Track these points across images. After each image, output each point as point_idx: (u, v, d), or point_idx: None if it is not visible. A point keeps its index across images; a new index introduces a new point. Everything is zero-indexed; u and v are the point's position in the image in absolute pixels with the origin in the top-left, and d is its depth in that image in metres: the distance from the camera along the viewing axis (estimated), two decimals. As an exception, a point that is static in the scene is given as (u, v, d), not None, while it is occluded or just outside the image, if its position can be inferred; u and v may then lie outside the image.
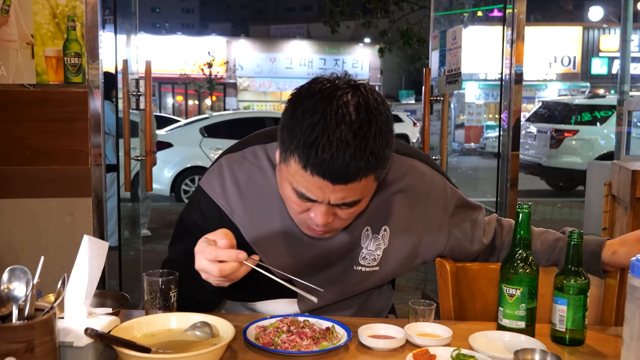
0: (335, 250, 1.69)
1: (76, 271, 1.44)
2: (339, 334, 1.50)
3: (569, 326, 1.51)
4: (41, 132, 3.05)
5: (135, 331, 1.43)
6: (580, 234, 1.53)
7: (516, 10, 3.80)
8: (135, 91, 3.81)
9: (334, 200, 1.42)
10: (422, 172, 1.75)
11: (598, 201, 4.45)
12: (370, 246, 1.71)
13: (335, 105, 1.36)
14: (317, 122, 1.35)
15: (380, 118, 1.39)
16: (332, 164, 1.34)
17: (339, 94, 1.38)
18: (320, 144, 1.34)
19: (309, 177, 1.38)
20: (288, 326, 1.50)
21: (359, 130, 1.35)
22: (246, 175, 1.67)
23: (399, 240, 1.72)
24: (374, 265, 1.72)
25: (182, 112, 36.00)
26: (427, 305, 1.57)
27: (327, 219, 1.47)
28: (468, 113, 24.86)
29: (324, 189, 1.40)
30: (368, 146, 1.35)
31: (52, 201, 3.09)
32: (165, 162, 9.72)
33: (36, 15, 3.02)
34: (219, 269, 1.39)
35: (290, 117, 1.40)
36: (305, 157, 1.36)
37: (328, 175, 1.36)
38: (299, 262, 1.67)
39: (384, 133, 1.39)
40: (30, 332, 1.20)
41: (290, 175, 1.43)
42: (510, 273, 1.54)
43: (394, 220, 1.71)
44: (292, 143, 1.38)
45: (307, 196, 1.43)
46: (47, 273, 1.39)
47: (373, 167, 1.39)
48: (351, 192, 1.42)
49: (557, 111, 12.11)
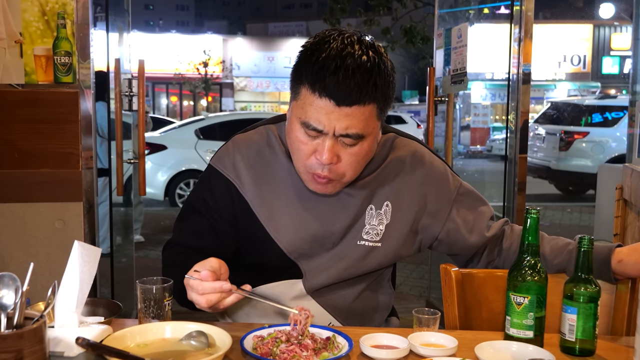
0: (340, 227, 1.77)
1: (67, 278, 1.44)
2: (340, 344, 1.50)
3: (579, 336, 1.51)
4: (30, 134, 3.06)
5: (129, 341, 1.43)
6: (590, 240, 1.53)
7: (524, 7, 3.80)
8: (128, 91, 3.81)
9: (339, 129, 1.56)
10: (421, 153, 1.86)
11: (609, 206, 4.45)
12: (373, 221, 1.79)
13: (344, 42, 1.56)
14: (327, 53, 1.55)
15: (384, 59, 1.59)
16: (338, 83, 1.52)
17: (347, 35, 1.59)
18: (329, 66, 1.53)
19: (317, 100, 1.55)
20: (287, 336, 1.50)
21: (365, 60, 1.54)
22: (255, 151, 1.80)
23: (401, 216, 1.81)
24: (377, 241, 1.80)
25: (176, 113, 36.01)
26: (432, 314, 1.57)
27: (332, 157, 1.59)
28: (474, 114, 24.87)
29: (330, 115, 1.55)
30: (372, 73, 1.55)
31: (42, 206, 3.09)
32: (159, 165, 9.72)
33: (25, 13, 3.03)
34: (206, 300, 1.52)
35: (300, 58, 1.60)
36: (314, 79, 1.54)
37: (334, 95, 1.53)
38: (305, 237, 1.76)
39: (387, 70, 1.59)
40: (19, 341, 1.20)
41: (299, 107, 1.60)
42: (517, 280, 1.54)
43: (395, 196, 1.80)
44: (302, 74, 1.58)
45: (313, 126, 1.57)
46: (37, 280, 1.39)
47: (376, 95, 1.56)
48: (355, 121, 1.56)
49: (567, 112, 12.12)
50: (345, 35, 1.59)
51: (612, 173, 5.40)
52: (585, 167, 10.90)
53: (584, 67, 28.53)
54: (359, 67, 1.53)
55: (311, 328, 1.56)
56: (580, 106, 12.14)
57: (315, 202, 1.76)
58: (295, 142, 1.65)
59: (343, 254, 1.79)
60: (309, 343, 1.47)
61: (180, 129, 10.73)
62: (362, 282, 1.85)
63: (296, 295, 1.80)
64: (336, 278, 1.79)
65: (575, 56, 28.37)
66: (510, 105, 3.99)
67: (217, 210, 1.79)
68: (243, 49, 35.41)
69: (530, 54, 3.86)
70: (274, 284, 1.81)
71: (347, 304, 1.83)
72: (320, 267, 1.78)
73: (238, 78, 35.33)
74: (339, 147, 1.60)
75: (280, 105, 35.30)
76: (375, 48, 1.59)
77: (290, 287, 1.80)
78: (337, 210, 1.77)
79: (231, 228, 1.80)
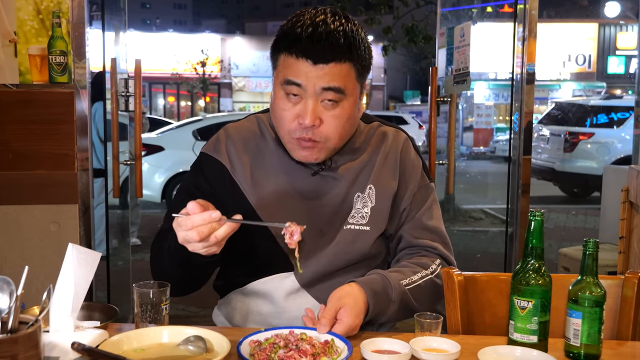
0: (328, 211, 1.83)
1: (62, 282, 1.44)
2: (339, 347, 1.51)
3: (584, 341, 1.51)
4: (25, 134, 3.06)
5: (125, 345, 1.43)
6: (595, 243, 1.53)
7: (528, 5, 3.80)
8: (124, 92, 3.81)
9: (319, 84, 1.65)
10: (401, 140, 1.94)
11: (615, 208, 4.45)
12: (358, 204, 1.86)
13: (317, 13, 1.69)
14: (302, 22, 1.67)
15: (357, 27, 1.71)
16: (312, 43, 1.63)
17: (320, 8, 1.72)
18: (304, 30, 1.65)
19: (295, 61, 1.66)
20: (285, 342, 1.50)
21: (338, 24, 1.67)
22: (246, 137, 1.89)
23: (383, 196, 1.87)
24: (364, 224, 1.85)
25: (173, 114, 36.03)
26: (434, 318, 1.58)
27: (315, 119, 1.67)
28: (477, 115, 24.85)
29: (308, 74, 1.65)
30: (346, 35, 1.66)
31: (37, 208, 3.09)
32: (156, 166, 9.71)
33: (19, 11, 3.03)
34: (197, 232, 1.49)
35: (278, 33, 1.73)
36: (290, 43, 1.66)
37: (310, 54, 1.64)
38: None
39: (360, 35, 1.70)
40: (13, 346, 1.20)
41: (279, 73, 1.71)
42: (521, 284, 1.54)
43: (377, 178, 1.87)
44: (279, 44, 1.70)
45: (293, 80, 1.67)
46: (32, 284, 1.39)
47: (351, 54, 1.67)
48: (334, 78, 1.66)
49: (572, 113, 12.12)
50: (319, 8, 1.72)
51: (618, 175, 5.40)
52: (591, 169, 10.89)
53: (589, 67, 28.54)
54: (332, 30, 1.65)
55: (308, 331, 1.57)
56: (585, 107, 12.14)
57: (303, 185, 1.82)
58: (278, 111, 1.73)
59: (331, 240, 1.83)
60: (307, 348, 1.47)
61: (178, 130, 10.73)
62: (354, 271, 1.86)
63: (289, 289, 1.83)
64: (327, 266, 1.82)
65: (580, 56, 28.38)
66: (514, 105, 3.99)
67: (211, 192, 1.83)
68: (241, 48, 35.44)
69: (534, 53, 3.86)
70: (266, 279, 1.84)
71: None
72: (310, 255, 1.81)
73: (236, 78, 35.35)
74: (320, 109, 1.69)
75: (279, 105, 35.22)
76: (349, 18, 1.71)
77: (282, 282, 1.83)
78: (324, 193, 1.83)
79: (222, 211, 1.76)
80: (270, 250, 1.82)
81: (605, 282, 1.65)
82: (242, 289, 1.89)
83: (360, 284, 1.70)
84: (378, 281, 1.74)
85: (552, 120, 12.35)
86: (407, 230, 1.90)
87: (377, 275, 1.76)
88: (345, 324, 1.59)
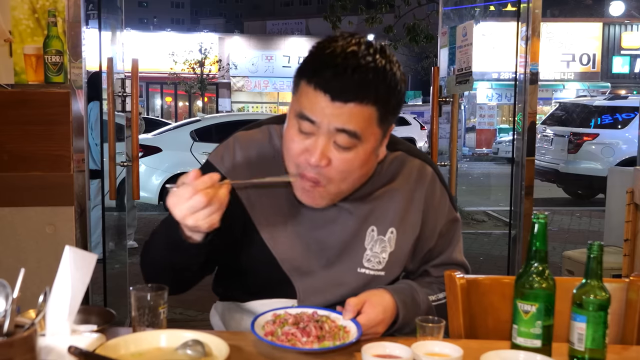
0: (336, 241, 1.75)
1: (58, 285, 1.44)
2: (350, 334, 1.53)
3: (588, 345, 1.51)
4: (20, 135, 3.06)
5: (122, 350, 1.43)
6: (600, 246, 1.53)
7: (531, 4, 3.81)
8: (121, 92, 3.82)
9: (333, 123, 1.53)
10: (426, 173, 1.83)
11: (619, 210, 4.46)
12: (376, 248, 1.77)
13: (351, 42, 1.56)
14: (331, 50, 1.54)
15: (393, 65, 1.57)
16: (335, 77, 1.51)
17: (356, 36, 1.59)
18: (330, 60, 1.52)
19: (312, 92, 1.53)
20: (295, 319, 1.52)
21: (369, 60, 1.53)
22: (255, 151, 1.79)
23: (404, 241, 1.79)
24: (380, 270, 1.77)
25: (171, 115, 36.02)
26: (436, 322, 1.57)
27: (322, 158, 1.56)
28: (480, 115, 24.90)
29: (324, 110, 1.53)
30: (376, 74, 1.53)
31: (32, 210, 3.09)
32: (154, 168, 9.72)
33: (14, 10, 3.03)
34: (204, 194, 1.45)
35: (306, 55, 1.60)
36: (313, 72, 1.54)
37: (330, 89, 1.51)
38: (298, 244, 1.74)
39: (393, 76, 1.56)
40: (9, 350, 1.20)
41: (296, 101, 1.59)
42: (525, 288, 1.54)
43: (400, 221, 1.78)
44: (303, 68, 1.58)
45: (307, 115, 1.55)
46: (27, 287, 1.39)
47: (376, 97, 1.54)
48: (351, 120, 1.53)
49: (576, 113, 12.13)
50: (355, 36, 1.58)
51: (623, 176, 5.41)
52: (595, 170, 10.90)
53: (594, 67, 28.56)
54: (360, 66, 1.51)
55: (333, 314, 1.59)
56: (590, 107, 12.15)
57: (312, 211, 1.72)
58: (287, 140, 1.63)
59: (341, 280, 1.76)
60: (312, 329, 1.48)
61: (175, 131, 10.74)
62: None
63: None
64: (333, 301, 1.75)
65: (585, 55, 28.40)
66: (517, 106, 4.00)
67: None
68: (240, 48, 35.41)
69: (537, 53, 3.86)
70: (268, 301, 1.77)
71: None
72: (316, 289, 1.75)
73: (235, 78, 35.32)
74: (331, 149, 1.57)
75: (279, 106, 35.30)
76: (385, 53, 1.57)
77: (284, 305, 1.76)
78: (334, 221, 1.75)
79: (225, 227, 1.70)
80: (272, 275, 1.75)
81: (610, 286, 1.65)
82: (241, 304, 1.85)
83: (389, 291, 1.69)
84: (408, 292, 1.72)
85: (556, 121, 12.36)
86: (434, 267, 1.88)
87: (406, 286, 1.75)
88: (369, 316, 1.59)
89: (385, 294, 1.67)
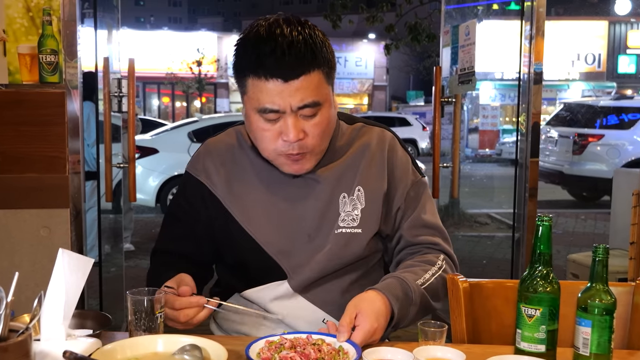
0: (313, 214, 1.87)
1: (52, 289, 1.44)
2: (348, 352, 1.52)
3: (593, 350, 1.51)
4: (14, 136, 3.06)
5: (119, 354, 1.44)
6: (605, 249, 1.53)
7: (535, 3, 3.81)
8: (117, 92, 3.81)
9: (295, 103, 1.67)
10: (386, 138, 1.96)
11: (625, 212, 4.45)
12: (347, 208, 1.88)
13: (270, 26, 1.69)
14: (257, 39, 1.67)
15: (311, 28, 1.72)
16: (278, 61, 1.64)
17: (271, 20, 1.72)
18: (264, 49, 1.65)
19: (265, 84, 1.67)
20: (292, 343, 1.52)
21: (295, 34, 1.67)
22: (224, 151, 1.94)
23: (373, 198, 1.89)
24: (355, 227, 1.87)
25: (168, 115, 36.05)
26: (438, 327, 1.58)
27: (298, 134, 1.70)
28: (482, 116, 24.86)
29: (282, 94, 1.67)
30: (307, 43, 1.67)
31: (26, 212, 3.09)
32: (151, 169, 9.72)
33: (8, 9, 3.03)
34: (183, 315, 1.65)
35: (236, 53, 1.74)
36: (254, 65, 1.67)
37: (279, 73, 1.65)
38: (278, 226, 1.86)
39: (319, 36, 1.71)
40: (3, 355, 1.20)
41: (251, 99, 1.72)
42: (529, 292, 1.54)
43: (365, 180, 1.89)
44: (242, 66, 1.71)
45: (270, 108, 1.68)
46: (21, 291, 1.39)
47: (317, 61, 1.68)
48: (307, 92, 1.68)
49: (581, 114, 12.12)
50: (270, 20, 1.71)
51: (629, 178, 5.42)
52: (600, 172, 10.89)
53: (599, 66, 28.53)
54: (292, 42, 1.65)
55: (328, 338, 1.59)
56: (595, 107, 12.15)
57: (284, 191, 1.87)
58: (258, 132, 1.76)
59: (323, 245, 1.85)
60: (310, 352, 1.48)
61: (173, 132, 10.74)
62: (349, 273, 1.89)
63: (283, 294, 1.86)
64: (321, 271, 1.85)
65: (590, 55, 28.37)
66: (521, 106, 3.99)
67: (191, 214, 1.93)
68: (239, 47, 35.38)
69: (542, 52, 3.86)
70: (259, 288, 1.89)
71: (337, 298, 1.87)
72: (302, 262, 1.85)
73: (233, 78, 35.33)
74: (301, 122, 1.71)
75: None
76: (300, 21, 1.72)
77: (276, 289, 1.87)
78: (306, 196, 1.87)
79: (207, 230, 1.93)
80: (261, 262, 1.87)
81: (615, 290, 1.65)
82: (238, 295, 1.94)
83: (379, 290, 1.72)
84: (397, 285, 1.75)
85: (561, 122, 12.35)
86: (406, 229, 1.93)
87: (393, 279, 1.78)
88: (364, 329, 1.61)
89: (375, 297, 1.70)
